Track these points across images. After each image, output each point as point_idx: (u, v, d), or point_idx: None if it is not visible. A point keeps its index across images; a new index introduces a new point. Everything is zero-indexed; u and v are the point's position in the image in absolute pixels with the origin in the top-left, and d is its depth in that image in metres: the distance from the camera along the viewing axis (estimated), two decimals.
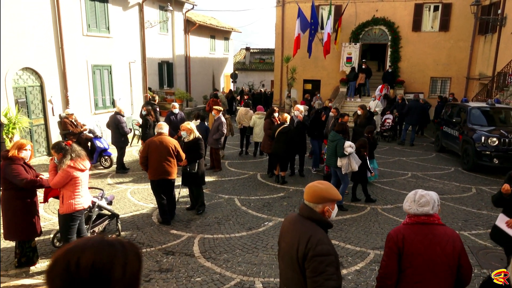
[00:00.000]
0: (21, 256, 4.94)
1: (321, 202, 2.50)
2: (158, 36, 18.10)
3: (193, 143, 6.77)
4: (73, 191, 4.62)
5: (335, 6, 18.24)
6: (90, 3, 12.20)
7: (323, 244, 2.36)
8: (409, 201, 2.79)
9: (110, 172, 9.71)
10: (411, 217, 2.77)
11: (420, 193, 2.78)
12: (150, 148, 6.25)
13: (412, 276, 2.67)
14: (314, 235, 2.40)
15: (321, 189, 2.51)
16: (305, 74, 20.07)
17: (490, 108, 11.05)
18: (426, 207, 2.72)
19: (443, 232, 2.69)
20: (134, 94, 14.68)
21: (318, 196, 2.50)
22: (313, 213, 2.51)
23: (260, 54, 34.96)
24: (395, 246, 2.70)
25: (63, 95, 11.50)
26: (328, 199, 2.51)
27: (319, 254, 2.33)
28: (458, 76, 18.15)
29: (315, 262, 2.33)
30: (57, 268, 1.15)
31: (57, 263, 1.15)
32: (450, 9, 17.69)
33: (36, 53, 10.49)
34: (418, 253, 2.65)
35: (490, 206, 7.52)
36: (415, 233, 2.70)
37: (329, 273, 2.32)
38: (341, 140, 7.13)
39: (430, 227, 2.70)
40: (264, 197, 7.92)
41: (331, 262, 2.35)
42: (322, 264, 2.32)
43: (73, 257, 1.15)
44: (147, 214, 6.94)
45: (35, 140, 10.78)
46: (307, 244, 2.37)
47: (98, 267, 1.14)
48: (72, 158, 4.55)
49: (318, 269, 2.32)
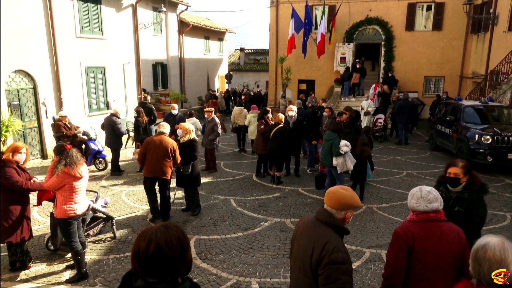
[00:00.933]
0: (16, 260, 4.89)
1: (344, 209, 2.46)
2: (152, 37, 18.05)
3: (188, 144, 6.74)
4: (66, 197, 4.55)
5: (328, 6, 18.30)
6: (83, 5, 12.14)
7: (339, 252, 2.32)
8: (415, 198, 2.75)
9: (105, 175, 9.66)
10: (418, 214, 2.73)
11: (425, 189, 2.76)
12: (150, 146, 6.36)
13: (421, 272, 2.67)
14: (330, 242, 2.35)
15: (347, 196, 2.46)
16: (299, 74, 20.10)
17: (483, 107, 11.13)
18: (435, 203, 2.71)
19: (449, 228, 2.70)
20: (128, 96, 14.62)
21: (343, 203, 2.45)
22: (332, 219, 2.46)
23: (255, 55, 35.01)
24: (405, 244, 2.67)
25: (57, 97, 11.43)
26: (353, 206, 2.48)
27: (334, 262, 2.29)
28: (452, 74, 18.28)
29: (330, 270, 2.29)
30: (152, 246, 1.65)
31: (150, 243, 1.66)
32: (442, 9, 17.81)
33: (29, 55, 10.42)
34: (428, 250, 2.64)
35: None
36: (424, 230, 2.67)
37: (343, 281, 2.28)
38: (337, 139, 7.15)
39: (437, 224, 2.70)
40: (260, 198, 7.91)
41: (346, 271, 2.31)
42: (337, 272, 2.28)
43: (160, 239, 1.67)
44: (142, 216, 6.91)
45: (29, 142, 10.69)
46: (322, 251, 2.33)
47: (182, 241, 1.73)
48: (66, 164, 4.50)
49: (332, 277, 2.28)
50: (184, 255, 1.72)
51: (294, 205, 7.50)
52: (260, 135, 9.03)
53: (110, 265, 5.16)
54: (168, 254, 1.66)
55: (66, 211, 4.56)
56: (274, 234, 6.13)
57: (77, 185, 4.60)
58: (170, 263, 1.68)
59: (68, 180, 4.50)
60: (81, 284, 4.66)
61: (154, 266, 1.67)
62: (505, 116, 10.95)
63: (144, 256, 1.66)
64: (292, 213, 7.07)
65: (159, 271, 1.68)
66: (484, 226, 6.38)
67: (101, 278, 4.80)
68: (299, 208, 7.30)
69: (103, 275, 4.89)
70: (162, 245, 1.66)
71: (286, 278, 4.81)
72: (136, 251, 1.68)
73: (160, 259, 1.66)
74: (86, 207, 5.01)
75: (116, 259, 5.33)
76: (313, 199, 7.84)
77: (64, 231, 4.68)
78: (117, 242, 5.83)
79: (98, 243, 5.78)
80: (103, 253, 5.48)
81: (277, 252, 5.49)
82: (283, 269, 5.04)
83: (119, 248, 5.63)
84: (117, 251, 5.54)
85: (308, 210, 7.17)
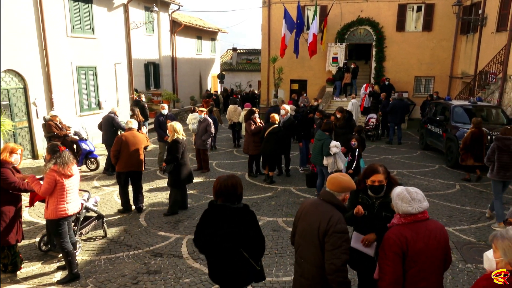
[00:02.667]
0: (8, 263, 4.84)
1: (343, 192, 3.03)
2: (144, 37, 17.99)
3: (171, 144, 6.82)
4: (57, 197, 4.53)
5: (320, 6, 18.37)
6: (74, 4, 12.05)
7: (342, 223, 2.86)
8: (406, 201, 2.72)
9: (96, 175, 9.62)
10: (406, 216, 2.72)
11: (410, 190, 2.77)
12: (124, 142, 6.84)
13: (417, 274, 2.67)
14: (334, 216, 2.89)
15: (346, 181, 3.03)
16: (292, 74, 20.15)
17: (472, 106, 11.28)
18: (425, 202, 2.74)
19: (434, 226, 2.74)
20: (120, 96, 14.54)
21: (342, 187, 3.01)
22: (334, 198, 3.01)
23: (247, 55, 34.98)
24: (399, 250, 2.65)
25: (48, 97, 11.33)
26: (350, 189, 3.05)
27: (339, 231, 2.82)
28: (442, 75, 18.46)
29: (335, 238, 2.81)
30: (223, 184, 3.18)
31: (222, 184, 3.19)
32: (432, 10, 17.99)
33: (19, 55, 10.32)
34: (421, 251, 2.65)
35: (474, 202, 7.70)
36: (415, 232, 2.67)
37: (344, 247, 2.82)
38: (328, 140, 7.20)
39: (424, 223, 2.72)
40: (252, 197, 7.94)
41: (347, 239, 2.86)
42: (340, 240, 2.81)
43: (228, 182, 3.20)
44: (134, 216, 6.89)
45: (19, 143, 10.59)
46: (329, 222, 2.85)
47: (238, 183, 3.24)
48: (56, 163, 4.49)
49: (337, 244, 2.81)
50: (238, 191, 3.21)
51: (287, 204, 7.54)
52: (250, 136, 9.04)
53: (102, 265, 5.15)
54: (230, 190, 3.17)
55: (58, 211, 4.54)
56: (267, 233, 6.16)
57: (68, 184, 4.58)
58: (232, 194, 3.18)
59: (58, 179, 4.48)
60: (73, 285, 4.64)
61: (224, 195, 3.17)
62: (493, 116, 11.12)
63: (220, 189, 3.18)
64: (285, 212, 7.11)
65: (227, 198, 3.17)
66: (473, 224, 6.52)
67: (93, 279, 4.79)
68: (291, 208, 7.35)
69: (94, 275, 4.88)
70: (228, 184, 3.18)
71: (279, 277, 4.85)
72: (216, 187, 3.21)
73: (227, 191, 3.16)
74: (79, 207, 4.99)
75: (108, 259, 5.31)
76: (305, 198, 7.89)
77: (54, 231, 4.66)
78: (109, 243, 5.82)
79: (89, 244, 5.76)
80: (95, 254, 5.47)
81: (269, 252, 5.52)
82: (275, 268, 5.08)
83: (111, 249, 5.62)
84: (109, 252, 5.53)
85: None
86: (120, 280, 4.76)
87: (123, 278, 4.81)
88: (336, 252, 2.80)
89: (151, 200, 7.79)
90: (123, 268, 5.06)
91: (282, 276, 4.86)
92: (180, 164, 6.85)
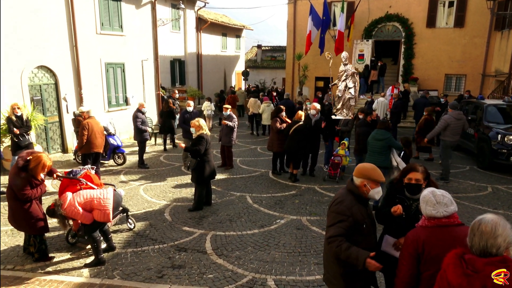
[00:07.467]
0: (34, 252, 5.03)
1: (360, 177, 3.08)
2: (170, 34, 18.21)
3: (196, 139, 6.84)
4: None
5: (347, 2, 18.05)
6: (104, 2, 12.31)
7: (341, 205, 3.01)
8: (431, 205, 2.63)
9: (123, 169, 9.82)
10: (430, 219, 2.64)
11: (436, 192, 2.66)
12: (91, 126, 8.14)
13: (431, 278, 2.58)
14: (340, 197, 3.10)
15: (365, 167, 3.12)
16: (317, 72, 19.93)
17: (506, 106, 10.81)
18: (452, 206, 2.61)
19: (463, 234, 2.51)
20: (146, 92, 14.78)
21: (359, 172, 3.10)
22: (351, 185, 3.13)
23: (272, 52, 34.89)
24: (414, 251, 2.61)
25: (77, 93, 11.65)
26: (367, 176, 3.05)
27: (335, 211, 3.04)
28: (474, 73, 17.81)
29: (331, 216, 3.07)
30: None
31: None
32: (465, 5, 17.35)
33: (51, 51, 10.64)
34: (438, 257, 2.54)
35: (507, 206, 7.38)
36: (436, 237, 2.58)
37: (338, 226, 2.96)
38: (392, 137, 6.96)
39: (450, 229, 2.58)
40: (276, 195, 7.90)
41: (342, 220, 2.96)
42: (335, 219, 3.00)
43: None
44: (159, 211, 6.99)
45: (50, 137, 10.95)
46: (333, 202, 3.13)
47: None
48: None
49: (331, 222, 3.04)
50: None
51: (311, 203, 7.46)
52: (275, 133, 8.96)
53: (128, 258, 5.24)
54: None
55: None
56: (290, 231, 6.11)
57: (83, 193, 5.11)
58: None
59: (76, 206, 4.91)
60: (100, 277, 4.75)
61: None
62: None
63: None
64: (308, 211, 7.03)
65: None
66: None
67: (119, 271, 4.88)
68: (315, 206, 7.26)
69: (121, 268, 4.97)
70: None
71: (302, 276, 4.79)
72: None
73: None
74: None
75: (134, 252, 5.41)
76: (329, 197, 7.77)
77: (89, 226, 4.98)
78: (135, 236, 5.91)
79: (116, 236, 5.87)
80: (121, 247, 5.57)
81: (293, 250, 5.48)
82: (299, 267, 5.02)
83: (137, 242, 5.72)
84: (135, 245, 5.63)
85: (324, 208, 7.11)
86: (146, 273, 4.83)
87: (149, 272, 4.88)
88: (329, 229, 3.03)
89: (175, 195, 7.88)
90: (149, 262, 5.13)
91: (305, 276, 4.80)
92: (204, 161, 6.88)
